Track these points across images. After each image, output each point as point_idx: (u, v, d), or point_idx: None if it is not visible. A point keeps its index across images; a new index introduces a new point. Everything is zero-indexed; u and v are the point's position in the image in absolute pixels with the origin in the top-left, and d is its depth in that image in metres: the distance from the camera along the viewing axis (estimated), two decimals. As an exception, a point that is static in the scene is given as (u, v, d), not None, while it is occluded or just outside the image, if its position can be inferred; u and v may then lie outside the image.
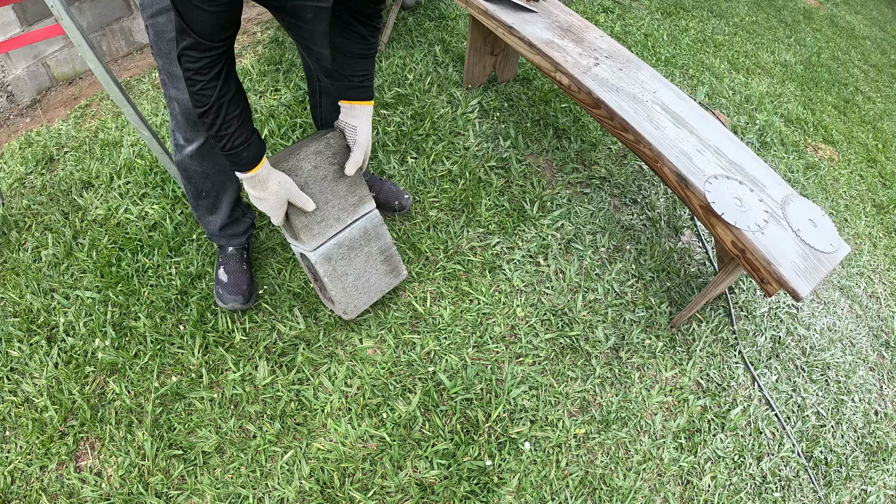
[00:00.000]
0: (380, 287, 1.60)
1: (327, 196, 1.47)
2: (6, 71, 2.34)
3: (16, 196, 2.02)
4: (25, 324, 1.66)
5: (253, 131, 1.22)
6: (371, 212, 1.54)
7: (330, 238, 1.49)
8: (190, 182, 1.49)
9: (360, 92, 1.35)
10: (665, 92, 1.67)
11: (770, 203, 1.43)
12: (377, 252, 1.58)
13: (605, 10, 3.16)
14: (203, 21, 0.98)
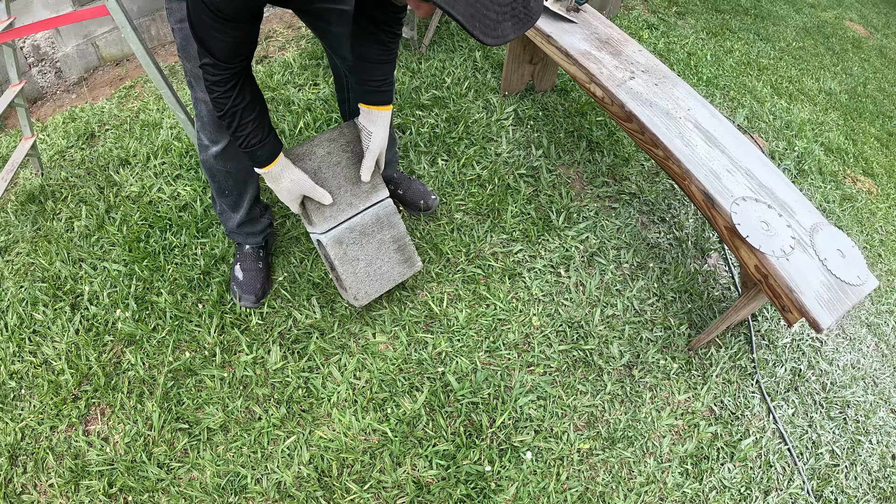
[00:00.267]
0: (392, 276, 1.65)
1: (340, 181, 1.56)
2: (56, 48, 2.52)
3: (55, 168, 2.17)
4: (52, 289, 1.78)
5: (269, 132, 1.33)
6: (384, 200, 1.61)
7: (342, 222, 1.56)
8: (213, 180, 1.59)
9: (378, 96, 1.43)
10: (699, 110, 1.70)
11: (798, 229, 1.44)
12: (390, 240, 1.64)
13: (649, 26, 3.19)
14: (218, 47, 1.11)
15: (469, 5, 0.75)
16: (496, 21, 0.78)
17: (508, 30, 0.81)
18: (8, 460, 1.50)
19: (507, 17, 0.80)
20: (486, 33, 0.77)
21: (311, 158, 1.55)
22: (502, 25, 0.79)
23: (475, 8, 0.75)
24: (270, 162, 1.36)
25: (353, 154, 1.58)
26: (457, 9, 0.74)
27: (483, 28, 0.76)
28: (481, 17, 0.76)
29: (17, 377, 1.63)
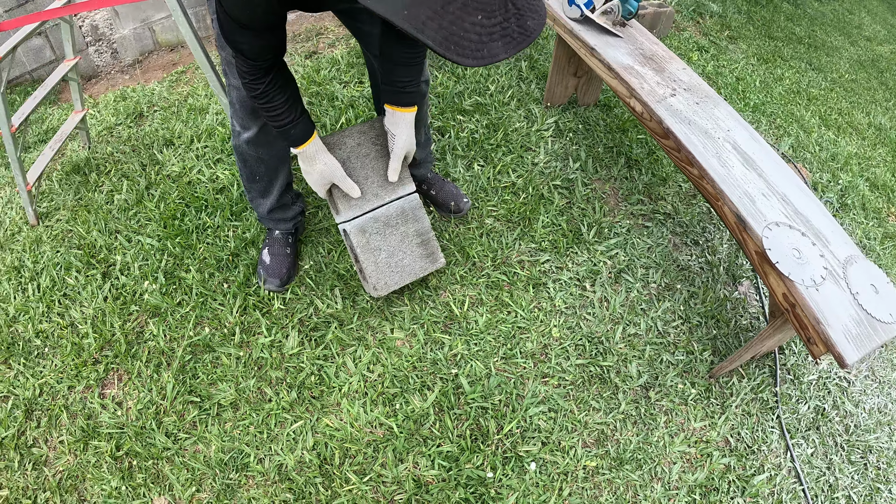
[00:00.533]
0: (413, 269, 1.71)
1: (367, 172, 1.64)
2: (114, 29, 2.72)
3: (102, 143, 2.33)
4: (86, 257, 1.91)
5: (301, 113, 1.41)
6: (410, 194, 1.68)
7: (366, 212, 1.63)
8: (245, 165, 1.68)
9: (403, 97, 1.50)
10: (739, 131, 1.71)
11: (831, 260, 1.44)
12: (413, 234, 1.70)
13: (699, 48, 3.20)
14: (244, 48, 1.22)
15: (442, 29, 0.77)
16: (479, 42, 0.80)
17: (498, 50, 0.82)
18: (24, 413, 1.62)
19: (495, 38, 0.82)
20: (464, 55, 0.78)
21: (341, 148, 1.64)
22: (489, 46, 0.81)
23: (449, 31, 0.77)
24: (304, 141, 1.45)
25: (382, 147, 1.67)
26: (427, 34, 0.76)
27: (460, 50, 0.78)
28: (458, 39, 0.78)
29: (42, 336, 1.76)
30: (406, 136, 1.56)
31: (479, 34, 0.80)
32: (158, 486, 1.49)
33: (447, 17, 0.78)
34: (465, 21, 0.79)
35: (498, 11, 0.83)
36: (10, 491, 1.52)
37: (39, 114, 2.68)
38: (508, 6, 0.86)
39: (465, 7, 0.79)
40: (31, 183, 1.90)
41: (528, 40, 0.88)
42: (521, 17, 0.89)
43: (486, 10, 0.81)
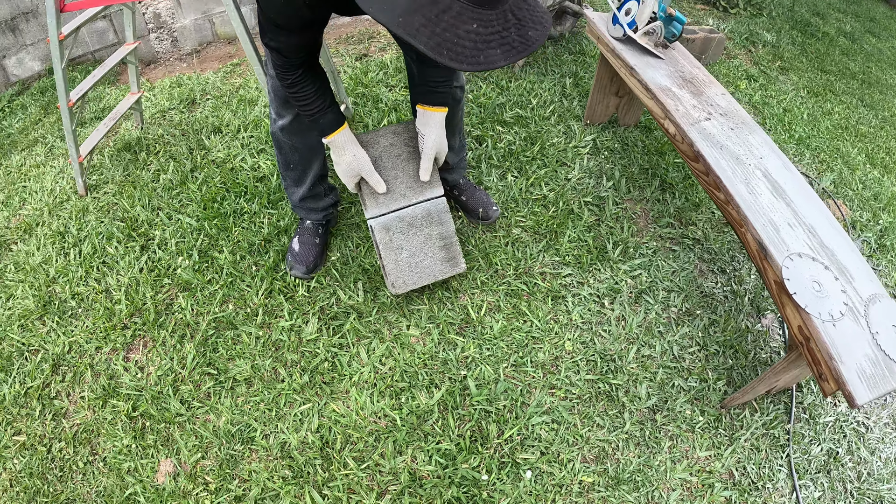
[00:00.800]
0: (433, 272, 1.78)
1: (397, 172, 1.73)
2: (175, 19, 2.95)
3: (154, 125, 2.53)
4: (128, 229, 2.08)
5: (331, 103, 1.53)
6: (438, 197, 1.76)
7: (392, 210, 1.72)
8: (280, 152, 1.81)
9: (434, 97, 1.59)
10: (772, 160, 1.74)
11: (853, 297, 1.44)
12: (437, 237, 1.77)
13: (749, 76, 3.21)
14: (281, 47, 1.36)
15: (434, 35, 0.85)
16: (474, 49, 0.87)
17: (497, 57, 0.90)
18: (51, 367, 1.79)
19: (493, 45, 0.89)
20: (458, 60, 0.86)
21: (373, 147, 1.75)
22: (485, 53, 0.88)
23: (442, 38, 0.85)
24: (334, 130, 1.56)
25: (414, 149, 1.76)
26: (419, 39, 0.84)
27: (453, 55, 0.85)
28: (451, 45, 0.85)
29: (78, 298, 1.93)
30: (435, 135, 1.65)
31: (475, 41, 0.88)
32: (167, 449, 1.62)
33: (441, 24, 0.86)
34: (459, 29, 0.87)
35: (496, 21, 0.91)
36: (28, 437, 1.68)
37: (98, 92, 2.94)
38: (509, 17, 0.93)
39: (460, 17, 0.87)
40: (83, 155, 2.10)
41: (529, 49, 0.96)
42: (523, 27, 0.96)
43: (481, 20, 0.89)
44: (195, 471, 1.56)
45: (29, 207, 2.32)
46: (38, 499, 1.57)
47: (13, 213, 2.31)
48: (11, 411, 1.73)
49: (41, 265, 2.04)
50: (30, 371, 1.79)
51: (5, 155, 2.79)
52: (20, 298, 1.96)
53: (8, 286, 2.02)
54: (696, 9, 3.96)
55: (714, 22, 3.77)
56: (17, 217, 2.29)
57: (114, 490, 1.55)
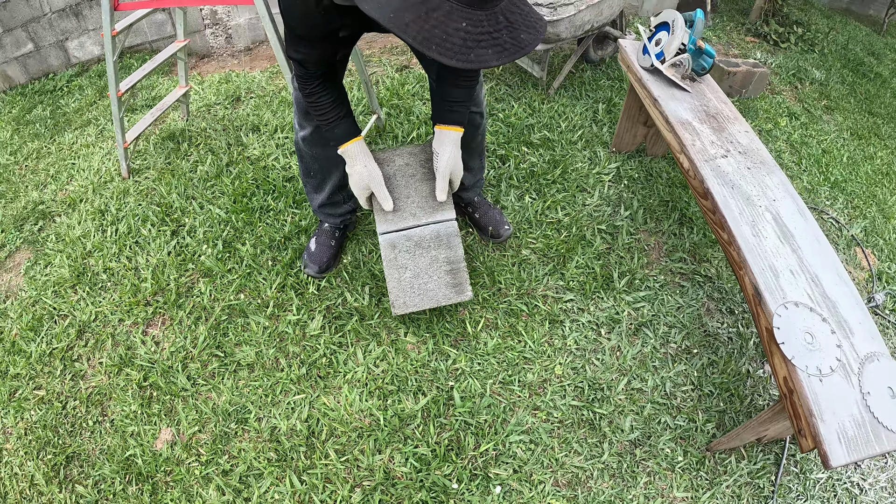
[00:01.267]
0: (437, 296, 1.75)
1: (409, 191, 1.77)
2: (231, 17, 3.12)
3: (199, 118, 2.69)
4: (162, 214, 2.22)
5: (346, 115, 1.60)
6: (449, 220, 1.76)
7: (401, 229, 1.75)
8: (302, 161, 1.89)
9: (451, 116, 1.63)
10: (786, 203, 1.69)
11: (848, 353, 1.39)
12: (444, 260, 1.75)
13: (790, 114, 3.10)
14: (302, 57, 1.43)
15: (423, 31, 0.89)
16: (464, 47, 0.91)
17: (489, 57, 0.93)
18: (76, 332, 1.94)
19: (484, 45, 0.92)
20: (447, 55, 0.90)
21: (389, 164, 1.79)
22: (476, 51, 0.91)
23: (431, 33, 0.89)
24: (347, 141, 1.63)
25: (429, 171, 1.79)
26: (409, 33, 0.89)
27: (442, 50, 0.89)
28: (440, 41, 0.89)
29: (109, 272, 2.08)
30: (449, 154, 1.66)
31: (464, 39, 0.92)
32: (168, 419, 1.73)
33: (430, 21, 0.91)
34: (448, 26, 0.91)
35: (486, 22, 0.95)
36: (47, 392, 1.83)
37: (152, 81, 3.14)
38: (500, 19, 0.97)
39: (450, 15, 0.92)
40: (128, 141, 2.26)
41: (521, 52, 0.99)
42: (514, 29, 0.99)
43: (471, 19, 0.93)
44: (191, 442, 1.68)
45: (75, 184, 2.51)
46: (47, 448, 1.72)
47: (60, 188, 2.51)
48: (35, 367, 1.89)
49: (80, 238, 2.21)
50: (57, 334, 1.95)
51: (60, 132, 3.03)
52: (57, 267, 2.14)
53: (48, 254, 2.20)
54: (745, 41, 3.86)
55: (762, 55, 3.66)
56: (63, 191, 2.49)
57: (116, 450, 1.69)
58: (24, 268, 2.21)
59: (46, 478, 1.66)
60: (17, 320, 2.02)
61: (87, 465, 1.68)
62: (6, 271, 2.24)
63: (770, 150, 2.75)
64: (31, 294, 2.09)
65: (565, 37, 2.50)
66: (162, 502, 1.58)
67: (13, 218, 2.43)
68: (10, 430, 1.77)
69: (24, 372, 1.88)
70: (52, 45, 3.47)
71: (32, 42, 3.44)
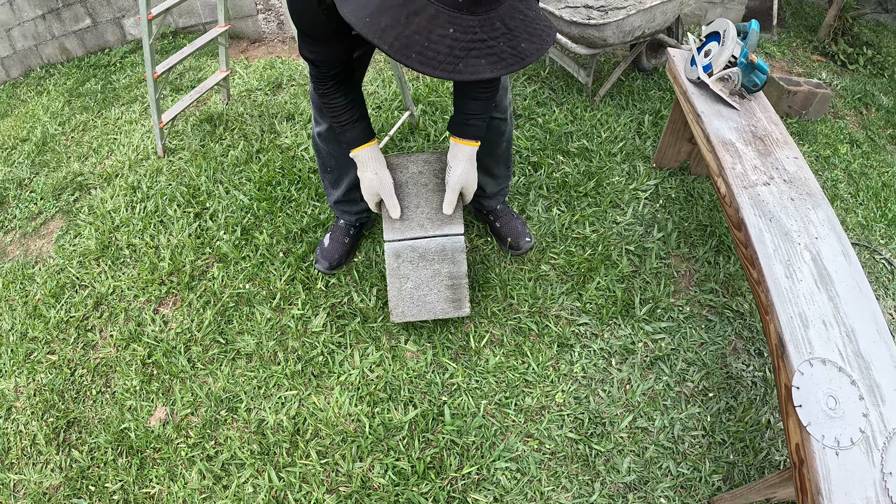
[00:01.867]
0: (435, 309, 1.72)
1: (420, 201, 1.70)
2: (283, 2, 3.11)
3: (239, 102, 2.70)
4: (188, 196, 2.24)
5: (359, 118, 1.53)
6: (457, 235, 1.70)
7: (407, 238, 1.70)
8: (319, 156, 1.85)
9: (465, 129, 1.54)
10: (829, 242, 1.49)
11: (875, 423, 1.20)
12: (446, 274, 1.71)
13: (852, 141, 2.79)
14: (312, 57, 1.37)
15: (401, 37, 0.79)
16: (450, 56, 0.80)
17: (481, 68, 0.82)
18: (93, 303, 1.98)
19: (476, 54, 0.82)
20: (430, 65, 0.80)
21: (402, 171, 1.73)
22: (466, 61, 0.81)
23: (411, 40, 0.79)
24: (358, 146, 1.57)
25: (442, 182, 1.72)
26: (385, 40, 0.79)
27: (424, 59, 0.79)
28: (421, 48, 0.80)
29: (131, 248, 2.11)
30: (462, 169, 1.59)
31: (451, 47, 0.82)
32: (164, 398, 1.74)
33: (411, 26, 0.81)
34: (432, 33, 0.82)
35: (479, 29, 0.84)
36: (59, 358, 1.89)
37: (200, 62, 3.20)
38: (496, 24, 0.86)
39: (435, 20, 0.82)
40: (163, 122, 2.29)
41: (522, 62, 0.87)
42: (514, 37, 0.88)
43: (459, 24, 0.82)
44: (182, 423, 1.69)
45: (114, 158, 2.58)
46: (51, 411, 1.77)
47: (100, 161, 2.59)
48: (52, 333, 1.95)
49: (110, 213, 2.27)
50: (75, 303, 2.00)
51: (108, 106, 3.14)
52: (86, 238, 2.20)
53: (79, 225, 2.27)
54: (811, 59, 3.52)
55: (828, 76, 3.32)
56: (102, 165, 2.57)
57: (112, 421, 1.72)
58: (56, 236, 2.29)
59: (47, 439, 1.71)
60: (42, 286, 2.09)
61: (85, 432, 1.72)
62: (40, 237, 2.34)
63: (825, 178, 2.49)
64: (58, 262, 2.16)
65: (612, 42, 2.34)
66: (147, 477, 1.60)
67: (52, 187, 2.53)
68: (21, 389, 1.84)
69: (42, 336, 1.95)
70: (110, 21, 3.61)
71: (90, 17, 3.60)
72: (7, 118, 3.45)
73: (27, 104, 3.54)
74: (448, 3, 0.82)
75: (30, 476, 1.65)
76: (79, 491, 1.60)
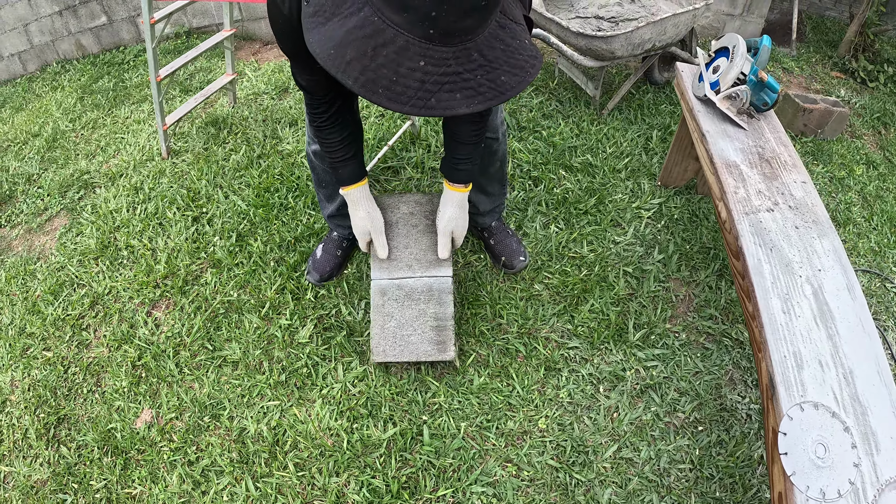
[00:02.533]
0: (418, 351, 1.65)
1: (409, 242, 1.67)
2: None
3: (245, 106, 2.68)
4: (188, 199, 2.23)
5: (354, 156, 1.48)
6: (444, 277, 1.66)
7: (394, 278, 1.66)
8: (314, 171, 1.81)
9: (455, 174, 1.50)
10: (834, 276, 1.39)
11: (867, 474, 1.11)
12: (431, 316, 1.66)
13: (869, 163, 2.64)
14: (305, 83, 1.28)
15: (367, 70, 0.74)
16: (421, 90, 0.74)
17: (455, 102, 0.76)
18: (90, 303, 1.98)
19: (449, 88, 0.76)
20: (398, 101, 0.74)
21: (392, 211, 1.70)
22: (438, 95, 0.75)
23: (377, 74, 0.74)
24: (349, 184, 1.54)
25: (433, 224, 1.69)
26: (349, 74, 0.73)
27: (392, 95, 0.74)
28: (389, 83, 0.74)
29: (129, 249, 2.11)
30: (450, 215, 1.56)
31: (422, 81, 0.76)
32: (151, 401, 1.73)
33: (378, 59, 0.75)
34: (401, 66, 0.76)
35: (453, 61, 0.78)
36: (54, 355, 1.89)
37: (212, 63, 3.19)
38: (473, 56, 0.80)
39: (404, 53, 0.76)
40: (167, 124, 2.28)
41: (502, 97, 0.81)
42: (493, 70, 0.81)
43: (431, 57, 0.76)
44: (166, 427, 1.68)
45: (120, 158, 2.59)
46: (43, 407, 1.78)
47: (106, 160, 2.60)
48: (49, 329, 1.95)
49: (112, 212, 2.27)
50: (73, 301, 2.00)
51: (118, 105, 3.15)
52: (87, 237, 2.20)
53: (81, 224, 2.27)
54: (830, 76, 3.36)
55: (847, 93, 3.17)
56: (107, 164, 2.58)
57: (100, 420, 1.72)
58: (59, 233, 2.30)
59: (38, 433, 1.72)
60: (42, 282, 2.10)
61: (74, 430, 1.72)
62: (44, 233, 2.35)
63: (839, 200, 2.36)
64: (59, 260, 2.17)
65: (621, 55, 2.25)
66: (130, 477, 1.59)
67: (59, 184, 2.55)
68: (16, 384, 1.85)
69: (39, 332, 1.95)
70: (125, 19, 3.65)
71: (106, 15, 3.64)
72: (21, 112, 3.51)
73: (41, 99, 3.59)
74: (418, 34, 0.75)
75: (19, 469, 1.65)
76: (65, 487, 1.60)
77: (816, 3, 4.16)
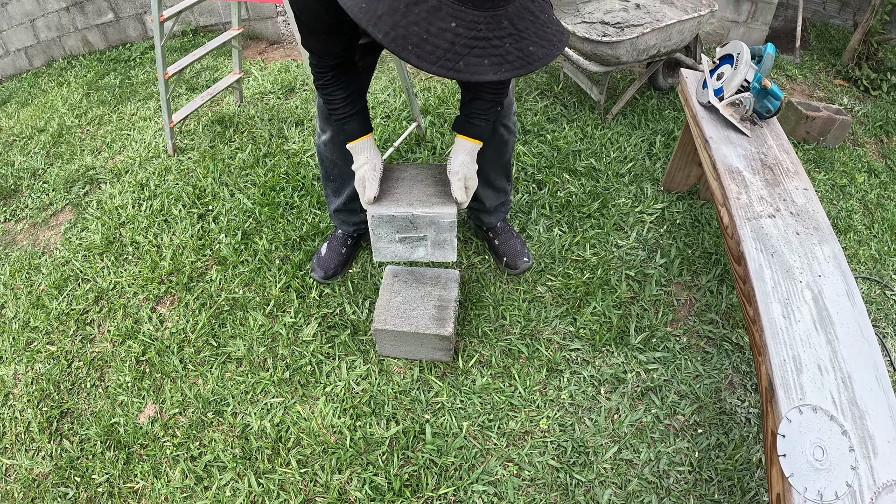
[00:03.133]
0: (418, 325, 1.69)
1: (412, 189, 1.63)
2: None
3: (251, 104, 2.71)
4: (194, 196, 2.25)
5: (360, 112, 1.51)
6: (448, 219, 1.57)
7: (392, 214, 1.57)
8: (322, 164, 1.84)
9: (468, 128, 1.51)
10: (834, 281, 1.41)
11: (864, 477, 1.13)
12: (436, 297, 1.75)
13: (871, 171, 2.67)
14: (310, 47, 1.33)
15: (398, 26, 0.74)
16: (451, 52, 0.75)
17: (483, 68, 0.76)
18: (94, 298, 2.00)
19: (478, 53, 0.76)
20: (427, 60, 0.75)
21: (400, 172, 1.71)
22: (466, 59, 0.76)
23: (408, 31, 0.74)
24: (357, 137, 1.54)
25: (440, 181, 1.66)
26: (380, 28, 0.74)
27: (421, 53, 0.74)
28: (419, 41, 0.75)
29: (134, 245, 2.13)
30: (462, 160, 1.53)
31: (452, 42, 0.76)
32: (155, 396, 1.75)
33: (410, 16, 0.76)
34: (432, 25, 0.77)
35: (484, 26, 0.79)
36: (58, 349, 1.91)
37: (219, 62, 3.21)
38: (503, 23, 0.80)
39: (437, 11, 0.76)
40: (174, 121, 2.31)
41: (529, 67, 0.81)
42: (522, 39, 0.83)
43: (463, 18, 0.77)
44: (170, 422, 1.69)
45: (126, 154, 2.61)
46: (46, 401, 1.80)
47: (112, 156, 2.62)
48: (53, 324, 1.97)
49: (117, 208, 2.29)
50: (77, 296, 2.02)
51: (124, 102, 3.18)
52: (92, 232, 2.22)
53: (87, 219, 2.29)
54: (833, 84, 3.40)
55: (850, 101, 3.21)
56: (113, 160, 2.60)
57: (103, 414, 1.74)
58: (64, 228, 2.32)
59: (40, 427, 1.74)
60: (47, 277, 2.13)
61: (77, 424, 1.74)
62: (49, 228, 2.37)
63: (840, 208, 2.39)
64: (64, 254, 2.19)
65: (626, 60, 2.28)
66: (133, 472, 1.61)
67: (64, 179, 2.57)
68: (20, 377, 1.86)
69: (43, 326, 1.97)
70: (132, 16, 3.68)
71: (113, 12, 3.67)
72: (27, 107, 3.52)
73: (48, 94, 3.61)
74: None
75: (21, 462, 1.67)
76: (66, 480, 1.62)
77: (821, 10, 4.19)
